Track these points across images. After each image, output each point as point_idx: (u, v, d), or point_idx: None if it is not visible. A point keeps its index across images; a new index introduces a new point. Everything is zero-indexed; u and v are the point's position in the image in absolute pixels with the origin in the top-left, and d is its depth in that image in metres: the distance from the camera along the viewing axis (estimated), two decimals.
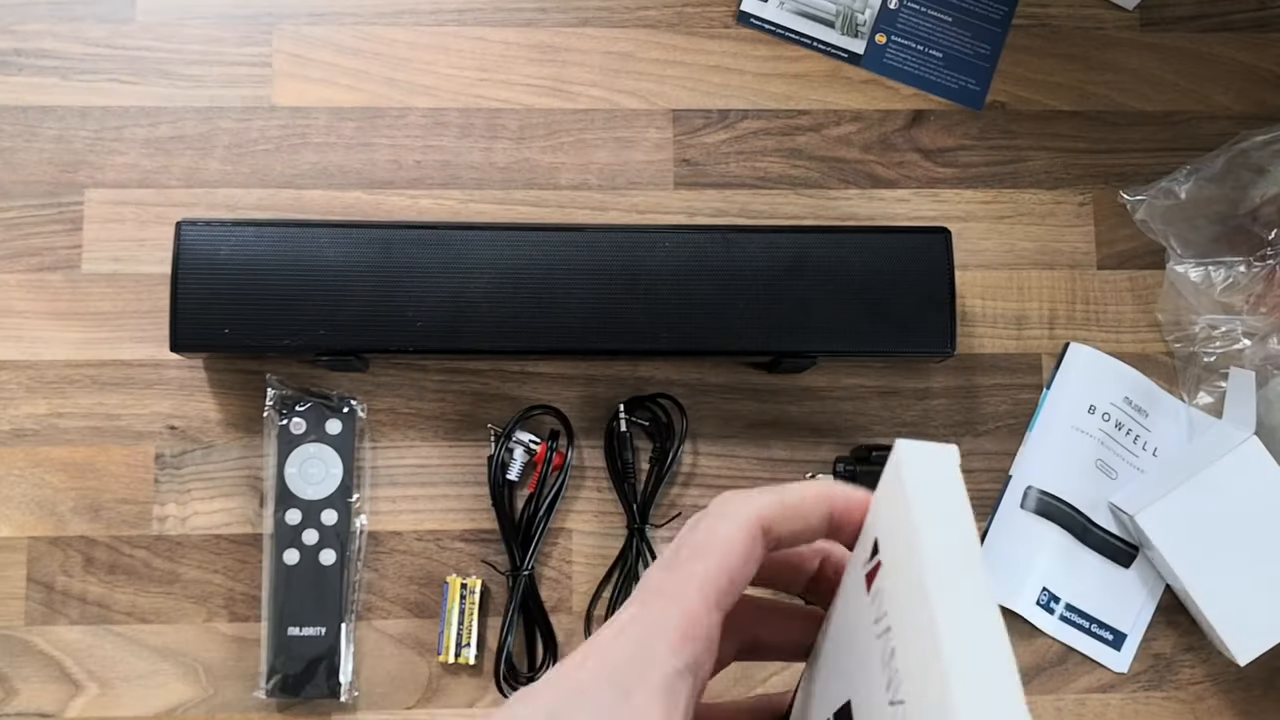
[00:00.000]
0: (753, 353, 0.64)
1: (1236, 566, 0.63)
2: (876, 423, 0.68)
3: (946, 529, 0.23)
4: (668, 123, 0.69)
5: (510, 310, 0.61)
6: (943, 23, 0.71)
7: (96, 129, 0.67)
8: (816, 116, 0.70)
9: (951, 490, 0.24)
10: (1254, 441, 0.63)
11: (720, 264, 0.62)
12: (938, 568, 0.22)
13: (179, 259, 0.61)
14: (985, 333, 0.69)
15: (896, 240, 0.63)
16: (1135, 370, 0.68)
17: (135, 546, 0.64)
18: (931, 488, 0.24)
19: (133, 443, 0.65)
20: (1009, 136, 0.70)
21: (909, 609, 0.23)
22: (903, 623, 0.23)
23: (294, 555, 0.63)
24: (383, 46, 0.69)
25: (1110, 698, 0.66)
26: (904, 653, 0.23)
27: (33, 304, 0.66)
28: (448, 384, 0.66)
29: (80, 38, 0.68)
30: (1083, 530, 0.66)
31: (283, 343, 0.61)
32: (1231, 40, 0.72)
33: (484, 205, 0.68)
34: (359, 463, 0.65)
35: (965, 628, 0.21)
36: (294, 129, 0.68)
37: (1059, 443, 0.67)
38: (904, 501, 0.24)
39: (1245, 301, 0.67)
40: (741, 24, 0.70)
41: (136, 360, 0.66)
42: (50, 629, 0.63)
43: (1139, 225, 0.69)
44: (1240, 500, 0.63)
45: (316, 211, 0.67)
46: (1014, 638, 0.66)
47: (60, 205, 0.66)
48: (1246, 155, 0.68)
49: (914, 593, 0.23)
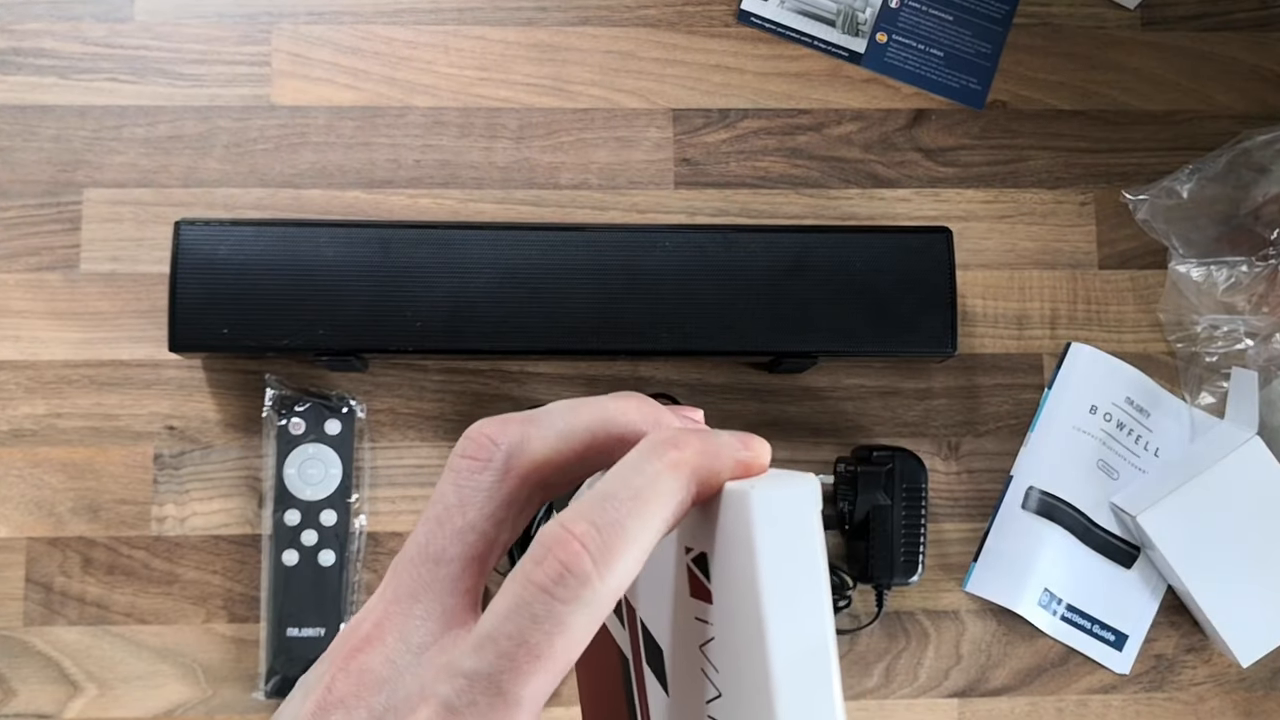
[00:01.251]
0: (753, 353, 0.63)
1: (1238, 567, 0.63)
2: (877, 423, 0.67)
3: (792, 587, 0.21)
4: (668, 122, 0.69)
5: (510, 310, 0.61)
6: (944, 21, 0.71)
7: (95, 128, 0.67)
8: (817, 116, 0.70)
9: (805, 548, 0.22)
10: (1256, 442, 0.63)
11: (720, 264, 0.62)
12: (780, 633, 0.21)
13: (178, 259, 0.60)
14: (986, 333, 0.68)
15: (897, 240, 0.63)
16: (1137, 370, 0.68)
17: (134, 547, 0.64)
18: (782, 555, 0.21)
19: (131, 443, 0.65)
20: (1010, 136, 0.70)
21: (742, 652, 0.22)
22: (732, 650, 0.22)
23: (293, 556, 0.63)
24: (382, 45, 0.69)
25: (1112, 699, 0.66)
26: (726, 666, 0.22)
27: (31, 304, 0.66)
28: (448, 384, 0.66)
29: (79, 37, 0.68)
30: (1084, 531, 0.66)
31: (282, 343, 0.60)
32: (1233, 39, 0.72)
33: (484, 205, 0.68)
34: (358, 463, 0.65)
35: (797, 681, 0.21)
36: (293, 128, 0.68)
37: (1060, 443, 0.67)
38: (746, 548, 0.22)
39: (1247, 301, 0.66)
40: (742, 23, 0.70)
41: (135, 360, 0.65)
42: (49, 630, 0.63)
43: (1141, 225, 0.69)
44: (1242, 500, 0.63)
45: (316, 211, 0.67)
46: (1016, 638, 0.66)
47: (59, 205, 0.66)
48: (1248, 154, 0.68)
49: (749, 645, 0.22)
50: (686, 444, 0.22)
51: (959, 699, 0.66)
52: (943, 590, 0.67)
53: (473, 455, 0.23)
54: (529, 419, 0.24)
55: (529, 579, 0.20)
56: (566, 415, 0.24)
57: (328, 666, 0.22)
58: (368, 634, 0.22)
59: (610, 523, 0.21)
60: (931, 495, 0.67)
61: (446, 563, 0.22)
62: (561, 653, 0.20)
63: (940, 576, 0.67)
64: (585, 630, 0.20)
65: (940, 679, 0.66)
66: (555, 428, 0.23)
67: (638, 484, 0.21)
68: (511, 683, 0.20)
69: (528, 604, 0.20)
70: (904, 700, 0.66)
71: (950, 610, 0.67)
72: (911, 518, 0.64)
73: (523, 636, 0.20)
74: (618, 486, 0.21)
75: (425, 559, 0.22)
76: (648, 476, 0.21)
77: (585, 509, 0.21)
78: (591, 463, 0.25)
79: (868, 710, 0.66)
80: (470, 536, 0.23)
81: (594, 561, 0.20)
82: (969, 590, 0.66)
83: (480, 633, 0.20)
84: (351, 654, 0.22)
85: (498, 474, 0.23)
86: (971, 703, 0.66)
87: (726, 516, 0.22)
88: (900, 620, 0.66)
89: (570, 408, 0.24)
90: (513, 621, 0.20)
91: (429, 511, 0.23)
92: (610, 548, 0.20)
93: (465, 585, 0.22)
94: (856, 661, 0.66)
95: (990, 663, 0.66)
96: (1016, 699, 0.66)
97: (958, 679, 0.66)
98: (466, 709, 0.20)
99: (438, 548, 0.22)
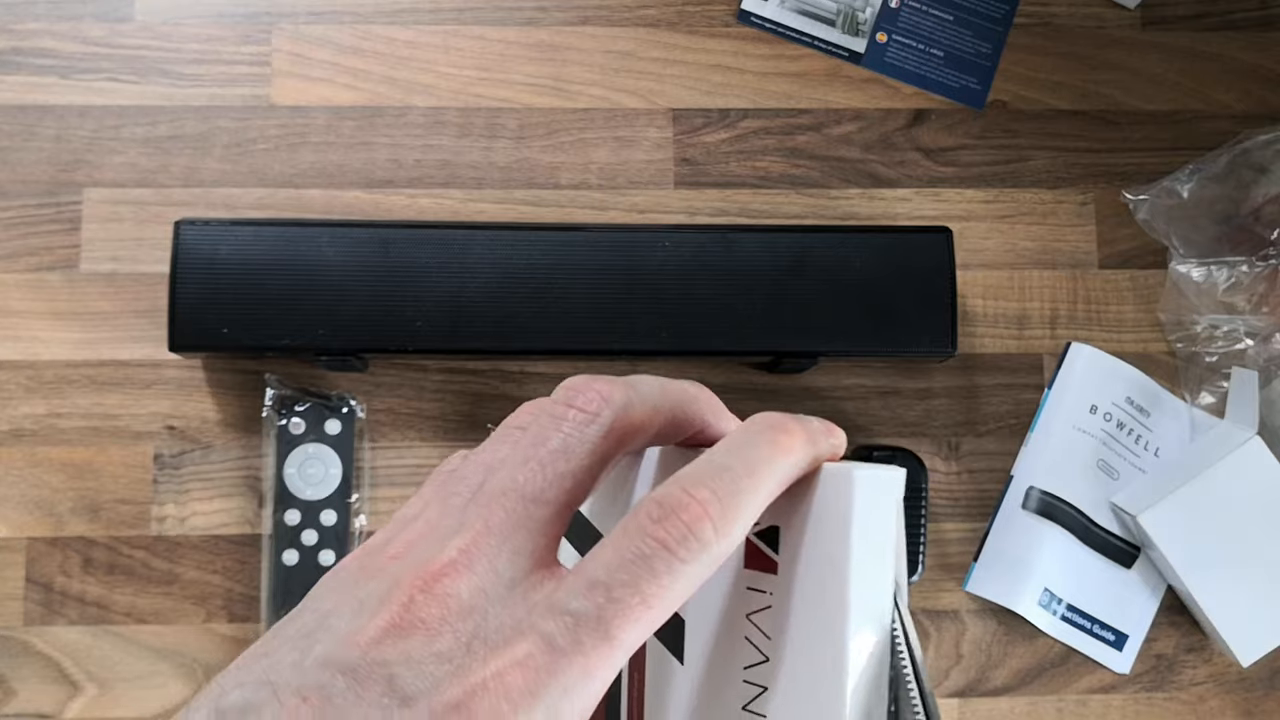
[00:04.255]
0: (753, 353, 0.63)
1: (1239, 567, 0.63)
2: (877, 423, 0.67)
3: (875, 562, 0.23)
4: (668, 122, 0.69)
5: (510, 310, 0.61)
6: (944, 21, 0.71)
7: (95, 128, 0.67)
8: (817, 115, 0.70)
9: (889, 526, 0.24)
10: (1256, 441, 0.63)
11: (720, 264, 0.62)
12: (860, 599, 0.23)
13: (177, 259, 0.60)
14: (986, 332, 0.68)
15: (898, 240, 0.63)
16: (1137, 370, 0.68)
17: (134, 547, 0.64)
18: (872, 531, 0.24)
19: (131, 443, 0.65)
20: (1010, 136, 0.70)
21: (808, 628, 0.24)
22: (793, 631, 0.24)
23: (293, 556, 0.63)
24: (382, 45, 0.69)
25: (1112, 698, 0.66)
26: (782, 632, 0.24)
27: (31, 304, 0.65)
28: (447, 384, 0.66)
29: (79, 37, 0.68)
30: (1084, 530, 0.66)
31: (282, 343, 0.60)
32: (1234, 39, 0.72)
33: (484, 205, 0.68)
34: (358, 463, 0.65)
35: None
36: (293, 128, 0.68)
37: (1060, 443, 0.67)
38: (843, 523, 0.24)
39: (1248, 301, 0.66)
40: (742, 23, 0.70)
41: (135, 360, 0.65)
42: (49, 629, 0.63)
43: (1141, 225, 0.69)
44: (1242, 500, 0.63)
45: (316, 211, 0.67)
46: (1016, 638, 0.66)
47: (59, 205, 0.66)
48: (1249, 154, 0.68)
49: (822, 614, 0.23)
50: (794, 430, 0.24)
51: (959, 699, 0.66)
52: (943, 590, 0.67)
53: (582, 407, 0.24)
54: (631, 384, 0.25)
55: (650, 535, 0.21)
56: (660, 390, 0.25)
57: (404, 584, 0.21)
58: (453, 559, 0.22)
59: (731, 493, 0.22)
60: (931, 495, 0.67)
61: (544, 504, 0.23)
62: (670, 605, 0.21)
63: (940, 576, 0.67)
64: (693, 588, 0.22)
65: (940, 679, 0.66)
66: (652, 399, 0.25)
67: (754, 460, 0.23)
68: (619, 627, 0.21)
69: (647, 557, 0.21)
70: None
71: (950, 610, 0.67)
72: (911, 518, 0.64)
73: (638, 585, 0.21)
74: (735, 461, 0.23)
75: (522, 497, 0.23)
76: (763, 456, 0.23)
77: (705, 478, 0.22)
78: (661, 437, 0.26)
79: None
80: (568, 483, 0.23)
81: (714, 528, 0.21)
82: (969, 590, 0.66)
83: (591, 577, 0.21)
84: (435, 577, 0.21)
85: (604, 429, 0.24)
86: (971, 703, 0.66)
87: (823, 492, 0.24)
88: None
89: (661, 385, 0.25)
90: (628, 571, 0.21)
91: (527, 451, 0.23)
92: (728, 517, 0.22)
93: (555, 530, 0.23)
94: None
95: (990, 663, 0.66)
96: (1016, 699, 0.66)
97: (958, 679, 0.66)
98: (570, 648, 0.20)
99: (536, 488, 0.23)
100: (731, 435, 0.24)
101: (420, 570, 0.21)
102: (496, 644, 0.20)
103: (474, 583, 0.21)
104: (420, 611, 0.21)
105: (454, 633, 0.21)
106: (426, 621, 0.21)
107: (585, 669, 0.20)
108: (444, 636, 0.20)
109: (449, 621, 0.21)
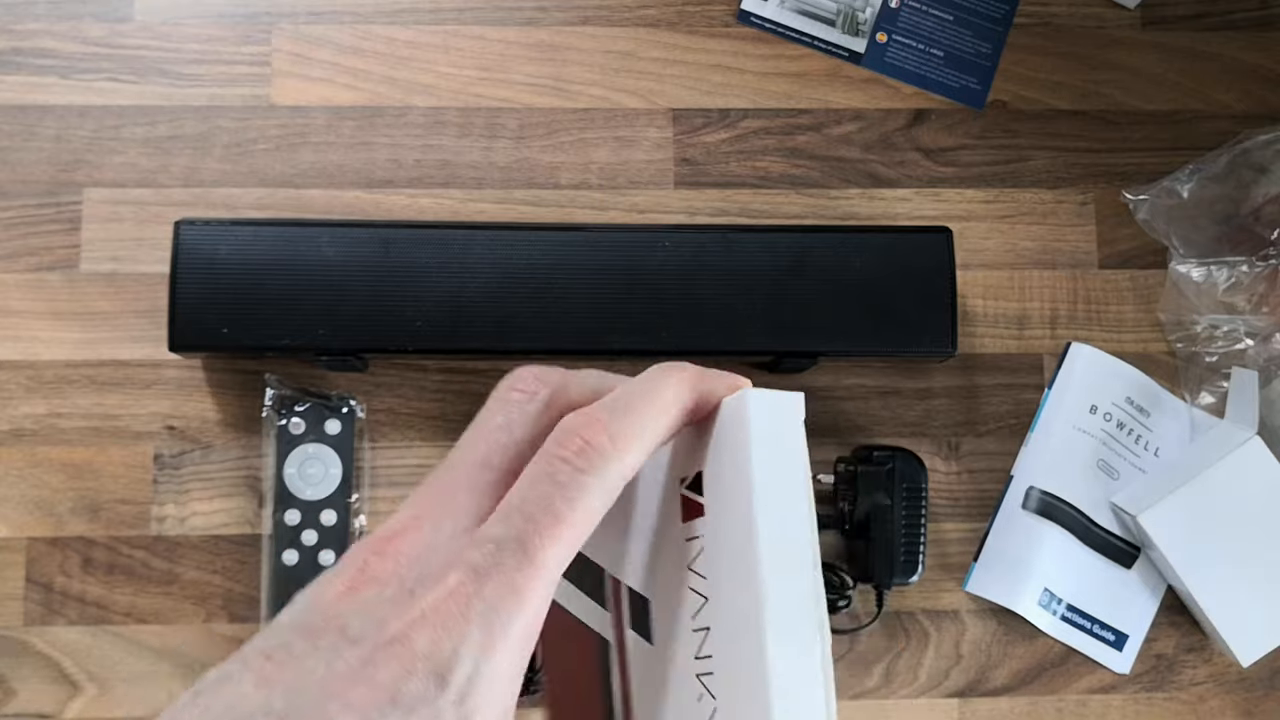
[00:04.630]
0: (754, 352, 0.63)
1: (1239, 567, 0.63)
2: (877, 423, 0.67)
3: (780, 493, 0.24)
4: (668, 122, 0.69)
5: (510, 310, 0.61)
6: (944, 21, 0.71)
7: (95, 128, 0.67)
8: (817, 116, 0.70)
9: (792, 445, 0.25)
10: (1256, 441, 0.63)
11: (721, 264, 0.62)
12: (769, 544, 0.24)
13: (177, 259, 0.60)
14: (986, 332, 0.68)
15: (898, 240, 0.63)
16: (1137, 370, 0.68)
17: (134, 547, 0.64)
18: (772, 446, 0.24)
19: (131, 443, 0.65)
20: (1010, 136, 0.70)
21: (731, 570, 0.24)
22: (720, 575, 0.25)
23: (293, 556, 0.63)
24: (382, 45, 0.69)
25: (1112, 698, 0.66)
26: (714, 566, 0.25)
27: (31, 304, 0.65)
28: (447, 384, 0.66)
29: (79, 37, 0.68)
30: (1084, 530, 0.66)
31: (281, 343, 0.60)
32: (1233, 39, 0.72)
33: (484, 205, 0.68)
34: (358, 463, 0.65)
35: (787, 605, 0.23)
36: (293, 128, 0.68)
37: (1061, 443, 0.67)
38: (743, 440, 0.24)
39: (1247, 301, 0.66)
40: (742, 23, 0.70)
41: (135, 360, 0.65)
42: (49, 629, 0.63)
43: (1141, 225, 0.69)
44: (1242, 500, 0.63)
45: (316, 211, 0.67)
46: (1016, 638, 0.66)
47: (59, 205, 0.66)
48: (1249, 154, 0.68)
49: (739, 564, 0.24)
50: (686, 366, 0.26)
51: (959, 699, 0.66)
52: (943, 590, 0.67)
53: (522, 389, 0.26)
54: (568, 371, 0.27)
55: (552, 455, 0.23)
56: (599, 378, 0.27)
57: (361, 551, 0.23)
58: (404, 524, 0.24)
59: (625, 410, 0.24)
60: (931, 495, 0.67)
61: (490, 469, 0.25)
62: (581, 519, 0.23)
63: (940, 576, 0.67)
64: (601, 501, 0.23)
65: (940, 679, 0.66)
66: (589, 383, 0.27)
67: (647, 387, 0.25)
68: (536, 545, 0.22)
69: (551, 474, 0.23)
70: (904, 700, 0.66)
71: (950, 610, 0.67)
72: (911, 518, 0.64)
73: (546, 501, 0.23)
74: (631, 388, 0.25)
75: (470, 464, 0.25)
76: (655, 383, 0.25)
77: (603, 402, 0.24)
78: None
79: (868, 710, 0.66)
80: (512, 451, 0.25)
81: (611, 440, 0.23)
82: (969, 590, 0.66)
83: (507, 506, 0.23)
84: (387, 540, 0.23)
85: (541, 405, 0.26)
86: (971, 703, 0.66)
87: (723, 419, 0.25)
88: (900, 620, 0.66)
89: (601, 374, 0.28)
90: (536, 489, 0.23)
91: (474, 432, 0.26)
92: (625, 431, 0.24)
93: (499, 493, 0.24)
94: (856, 661, 0.66)
95: (990, 663, 0.66)
96: (1016, 699, 0.66)
97: (958, 679, 0.66)
98: (493, 569, 0.22)
99: (482, 455, 0.25)
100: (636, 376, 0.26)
101: (375, 539, 0.24)
102: (432, 582, 0.22)
103: (421, 539, 0.23)
104: (373, 570, 0.23)
105: (400, 581, 0.22)
106: (379, 577, 0.23)
107: (511, 586, 0.22)
108: (391, 586, 0.22)
109: (398, 574, 0.23)
